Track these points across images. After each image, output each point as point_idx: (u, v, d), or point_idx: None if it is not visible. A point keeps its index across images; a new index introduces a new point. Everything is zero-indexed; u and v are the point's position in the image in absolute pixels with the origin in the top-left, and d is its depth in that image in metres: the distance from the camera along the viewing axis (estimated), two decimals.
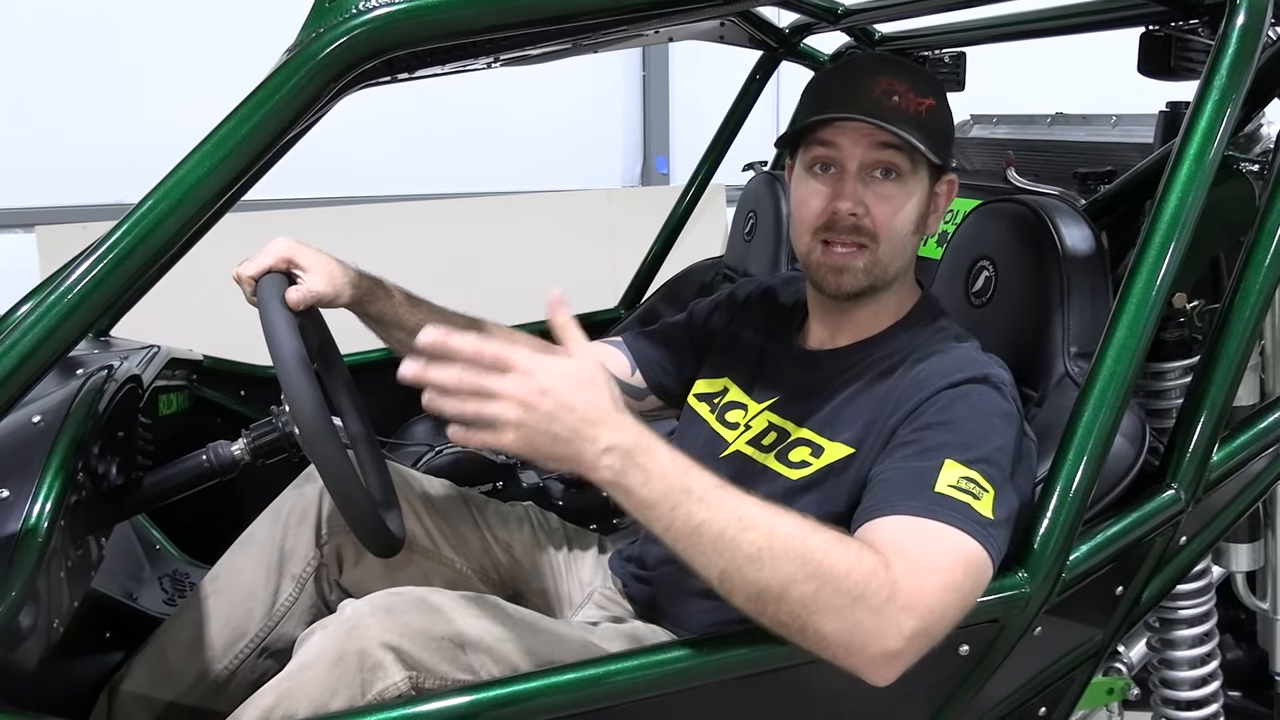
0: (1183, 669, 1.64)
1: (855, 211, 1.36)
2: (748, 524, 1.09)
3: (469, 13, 1.13)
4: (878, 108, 1.34)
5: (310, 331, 1.49)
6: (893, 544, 1.14)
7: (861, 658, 1.10)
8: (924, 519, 1.17)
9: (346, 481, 1.28)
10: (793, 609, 1.09)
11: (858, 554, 1.10)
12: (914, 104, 1.35)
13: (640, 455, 1.08)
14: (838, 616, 1.08)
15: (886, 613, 1.08)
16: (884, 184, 1.37)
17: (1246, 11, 1.33)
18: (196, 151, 1.08)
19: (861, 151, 1.36)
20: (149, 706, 1.50)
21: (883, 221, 1.37)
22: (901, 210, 1.38)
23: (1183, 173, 1.31)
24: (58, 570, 1.25)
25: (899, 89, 1.35)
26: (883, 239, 1.38)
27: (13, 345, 1.05)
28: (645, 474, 1.08)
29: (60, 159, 4.05)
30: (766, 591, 1.09)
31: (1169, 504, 1.37)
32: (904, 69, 1.42)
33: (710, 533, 1.08)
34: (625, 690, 1.17)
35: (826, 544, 1.10)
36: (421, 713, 1.12)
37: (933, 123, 1.37)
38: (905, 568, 1.11)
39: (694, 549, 1.09)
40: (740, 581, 1.09)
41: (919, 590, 1.10)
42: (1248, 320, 1.38)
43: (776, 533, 1.09)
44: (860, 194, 1.36)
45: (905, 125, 1.33)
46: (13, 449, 1.24)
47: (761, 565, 1.08)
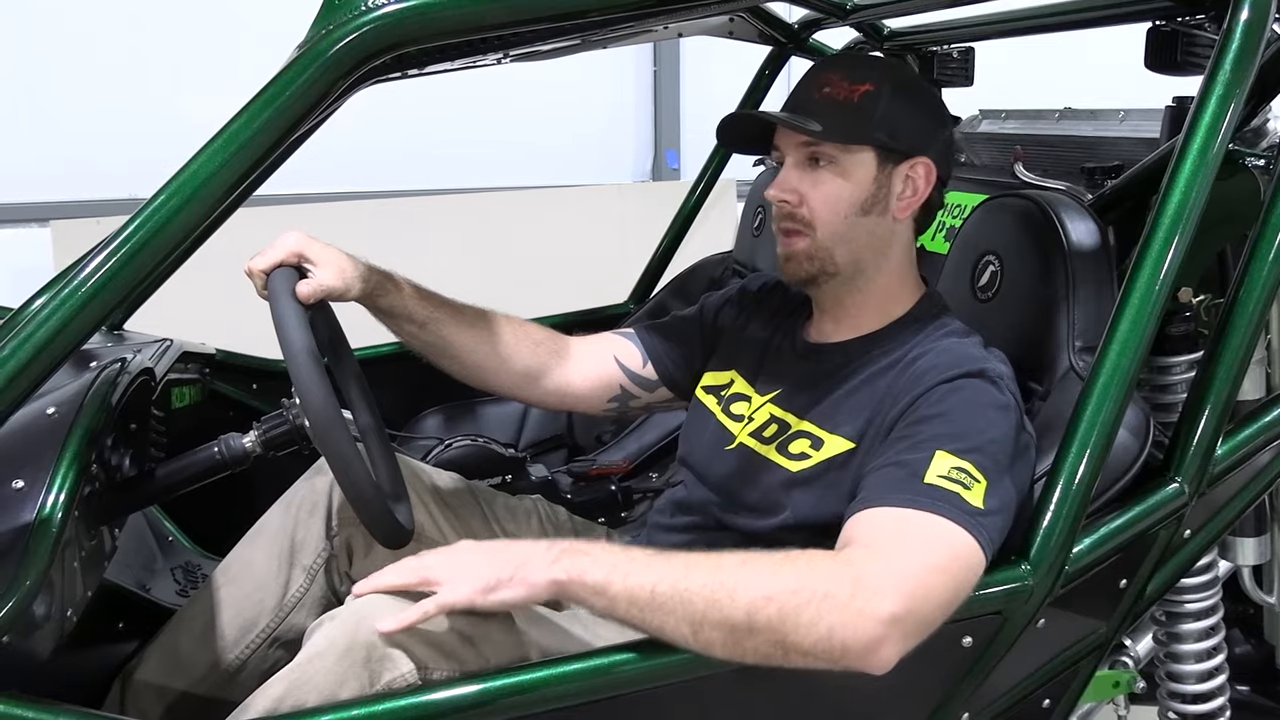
0: (1189, 662, 1.64)
1: (786, 199, 1.43)
2: (688, 577, 1.15)
3: (479, 9, 1.14)
4: (806, 103, 1.43)
5: (320, 325, 1.50)
6: (865, 537, 1.18)
7: (848, 657, 1.12)
8: (907, 509, 1.19)
9: (356, 473, 1.29)
10: (766, 637, 1.12)
11: (806, 564, 1.14)
12: (845, 91, 1.41)
13: (576, 549, 1.20)
14: (808, 630, 1.11)
15: (854, 605, 1.11)
16: (819, 171, 1.43)
17: (1251, 6, 1.33)
18: (209, 147, 1.09)
19: (794, 147, 1.44)
20: (161, 695, 1.51)
21: (817, 206, 1.43)
22: (837, 195, 1.42)
23: (1186, 167, 1.32)
24: (71, 560, 1.27)
25: (832, 80, 1.43)
26: (819, 224, 1.43)
27: (28, 338, 1.06)
28: (590, 558, 1.18)
29: (74, 154, 4.07)
30: (736, 628, 1.13)
31: (1173, 497, 1.38)
32: (845, 62, 1.53)
33: (664, 590, 1.14)
34: (630, 680, 1.18)
35: (772, 565, 1.15)
36: (429, 702, 1.14)
37: (867, 106, 1.41)
38: (870, 557, 1.14)
39: (660, 612, 1.15)
40: (709, 627, 1.13)
41: (885, 572, 1.13)
42: (1252, 314, 1.38)
43: (723, 569, 1.15)
44: (794, 183, 1.43)
45: (824, 114, 1.40)
46: (27, 440, 1.25)
47: (719, 604, 1.12)
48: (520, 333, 1.66)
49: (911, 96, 1.46)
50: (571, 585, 1.17)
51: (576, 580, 1.17)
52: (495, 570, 1.19)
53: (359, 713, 1.13)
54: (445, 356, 1.62)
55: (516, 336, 1.65)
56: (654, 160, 5.30)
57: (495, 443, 2.20)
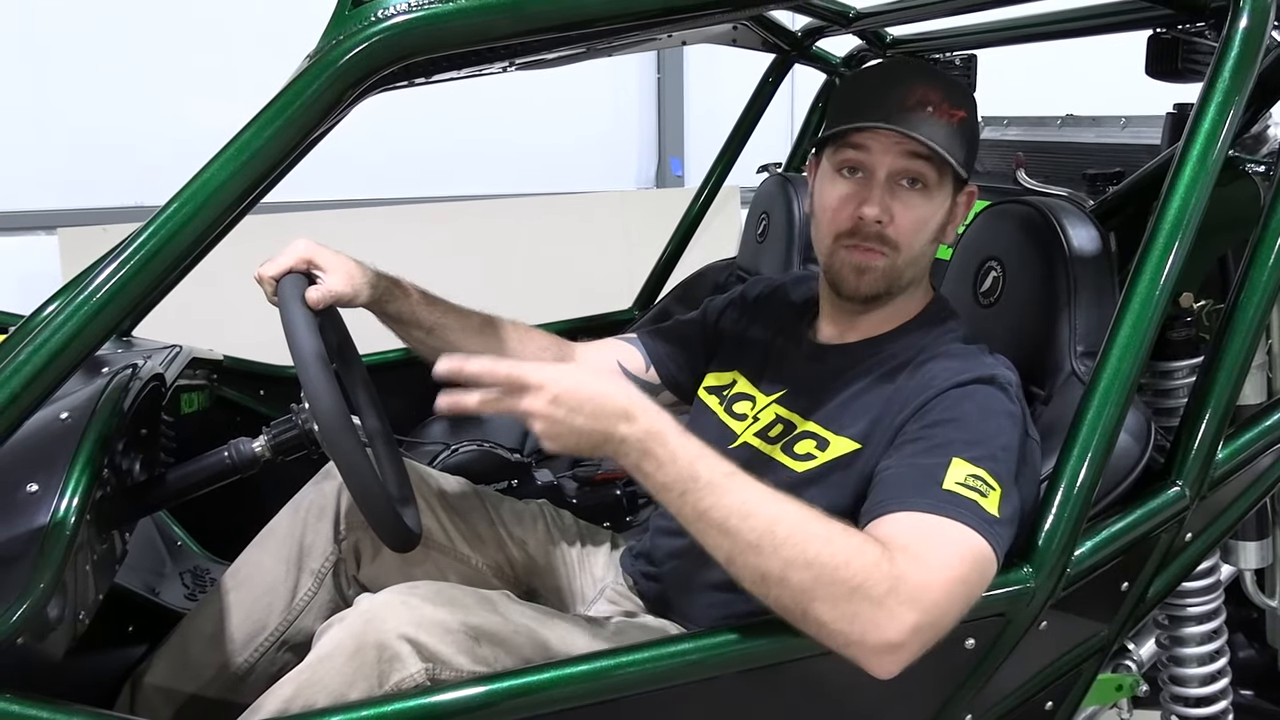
0: (1191, 666, 1.65)
1: (881, 219, 1.39)
2: (750, 512, 1.14)
3: (485, 20, 1.16)
4: (912, 117, 1.37)
5: (329, 331, 1.52)
6: (900, 539, 1.16)
7: (861, 648, 1.12)
8: (932, 515, 1.19)
9: (364, 477, 1.31)
10: (793, 594, 1.13)
11: (860, 546, 1.13)
12: (947, 115, 1.38)
13: (652, 443, 1.16)
14: (835, 605, 1.11)
15: (887, 605, 1.11)
16: (910, 193, 1.40)
17: (1249, 14, 1.35)
18: (221, 155, 1.11)
19: (891, 159, 1.39)
20: (171, 698, 1.53)
21: (905, 231, 1.40)
22: (925, 220, 1.41)
23: (1186, 174, 1.33)
24: (84, 563, 1.28)
25: (934, 99, 1.38)
26: (904, 248, 1.41)
27: (43, 344, 1.08)
28: (657, 461, 1.16)
29: (82, 162, 4.09)
30: (768, 576, 1.13)
31: (1174, 501, 1.39)
32: (939, 79, 1.45)
33: (715, 519, 1.14)
34: (635, 682, 1.19)
35: (828, 534, 1.14)
36: (438, 703, 1.15)
37: (963, 134, 1.40)
38: (910, 563, 1.13)
39: (701, 533, 1.16)
40: (743, 565, 1.14)
41: (924, 585, 1.13)
42: (1252, 319, 1.40)
43: (779, 521, 1.13)
44: (887, 201, 1.39)
45: (937, 136, 1.36)
46: (42, 445, 1.27)
47: (761, 552, 1.13)
48: (526, 338, 1.68)
49: (977, 121, 1.46)
50: (635, 473, 1.18)
51: (641, 475, 1.17)
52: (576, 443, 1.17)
53: (368, 713, 1.14)
54: None
55: (522, 342, 1.67)
56: (658, 167, 5.31)
57: (501, 448, 2.21)
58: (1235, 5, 1.36)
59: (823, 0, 2.34)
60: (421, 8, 1.14)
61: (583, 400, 1.15)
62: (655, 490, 1.17)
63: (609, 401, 1.16)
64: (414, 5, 1.14)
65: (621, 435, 1.15)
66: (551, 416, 1.15)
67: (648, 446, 1.15)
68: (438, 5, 1.14)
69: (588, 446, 1.17)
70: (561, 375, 1.17)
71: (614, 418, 1.15)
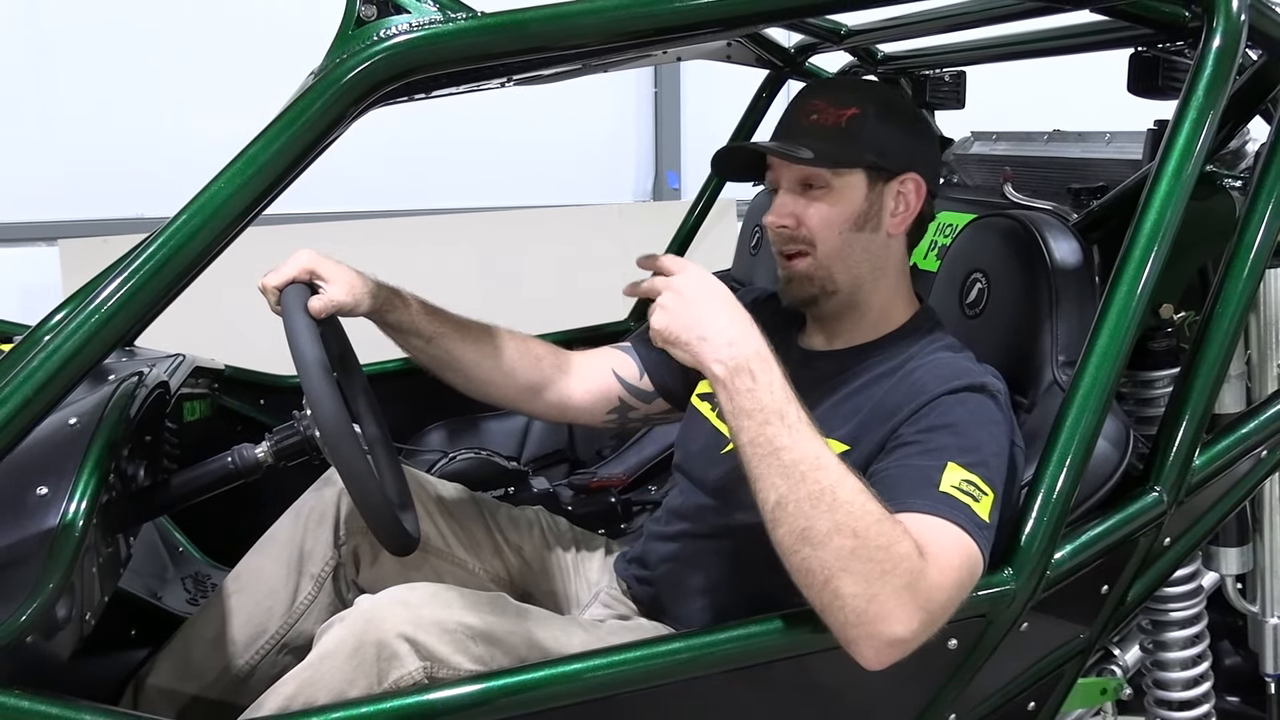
0: (1175, 670, 1.68)
1: (784, 223, 1.48)
2: (821, 465, 1.17)
3: (483, 39, 1.20)
4: (796, 131, 1.48)
5: (331, 340, 1.55)
6: (918, 536, 1.19)
7: (867, 630, 1.15)
8: (931, 516, 1.22)
9: (365, 482, 1.34)
10: (826, 559, 1.15)
11: (902, 534, 1.16)
12: (831, 116, 1.47)
13: (755, 364, 1.22)
14: (863, 582, 1.14)
15: (904, 598, 1.14)
16: (815, 192, 1.48)
17: (1222, 35, 1.39)
18: (228, 169, 1.15)
19: (787, 171, 1.49)
20: (173, 700, 1.56)
21: (814, 226, 1.47)
22: (834, 214, 1.47)
23: (1161, 188, 1.37)
24: (90, 566, 1.31)
25: (819, 106, 1.48)
26: (818, 241, 1.48)
27: (54, 351, 1.12)
28: (752, 382, 1.21)
29: (83, 174, 4.12)
30: (810, 532, 1.15)
31: (1152, 506, 1.42)
32: (829, 87, 1.57)
33: (787, 459, 1.18)
34: (627, 680, 1.22)
35: (879, 514, 1.16)
36: (436, 700, 1.18)
37: (854, 129, 1.46)
38: (931, 562, 1.17)
39: (767, 467, 1.19)
40: (792, 513, 1.17)
41: (938, 586, 1.17)
42: (1227, 329, 1.43)
43: (842, 484, 1.17)
44: (791, 207, 1.48)
45: (814, 140, 1.45)
46: (51, 449, 1.30)
47: (817, 506, 1.15)
48: (523, 347, 1.71)
49: (896, 116, 1.51)
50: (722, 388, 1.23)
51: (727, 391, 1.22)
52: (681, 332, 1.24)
53: (368, 710, 1.17)
54: (450, 370, 1.67)
55: (519, 351, 1.70)
56: (655, 180, 5.34)
57: (498, 456, 2.24)
58: (1209, 26, 1.40)
59: (815, 18, 2.38)
60: (422, 28, 1.18)
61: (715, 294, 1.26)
62: (734, 413, 1.21)
63: (738, 311, 1.25)
64: (414, 25, 1.18)
65: (732, 339, 1.22)
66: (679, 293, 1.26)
67: (752, 366, 1.21)
68: (438, 25, 1.18)
69: (695, 337, 1.23)
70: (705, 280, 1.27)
71: (734, 323, 1.24)
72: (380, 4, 1.20)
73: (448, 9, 1.20)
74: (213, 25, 4.20)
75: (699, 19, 1.28)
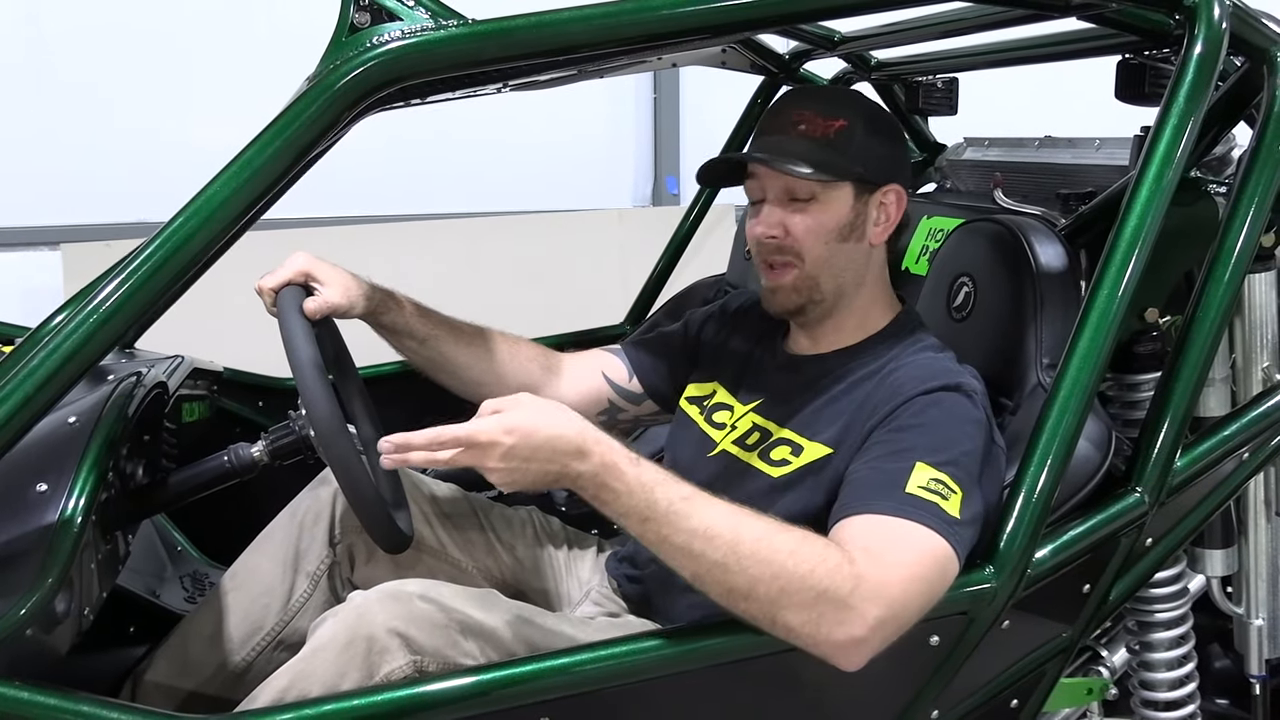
0: (1160, 671, 1.70)
1: (772, 234, 1.49)
2: (712, 534, 1.20)
3: (474, 46, 1.23)
4: (783, 141, 1.48)
5: (326, 342, 1.57)
6: (861, 539, 1.24)
7: (828, 645, 1.19)
8: (894, 518, 1.26)
9: (358, 480, 1.36)
10: (761, 605, 1.19)
11: (822, 552, 1.20)
12: (821, 128, 1.48)
13: (606, 475, 1.21)
14: (802, 611, 1.18)
15: (851, 604, 1.17)
16: (801, 204, 1.49)
17: (1203, 42, 1.41)
18: (224, 173, 1.18)
19: (774, 182, 1.50)
20: (170, 695, 1.58)
21: (801, 237, 1.49)
22: (820, 225, 1.49)
23: (1142, 193, 1.39)
24: (89, 562, 1.34)
25: (807, 117, 1.49)
26: (806, 252, 1.50)
27: (54, 350, 1.14)
28: (613, 493, 1.22)
29: (85, 179, 4.13)
30: (734, 591, 1.19)
31: (1133, 506, 1.45)
32: (817, 97, 1.56)
33: (677, 544, 1.20)
34: (613, 675, 1.25)
35: (791, 544, 1.20)
36: (425, 693, 1.21)
37: (842, 141, 1.48)
38: (870, 562, 1.20)
39: (667, 557, 1.22)
40: (711, 583, 1.21)
41: (883, 582, 1.19)
42: (1208, 332, 1.46)
43: (742, 539, 1.19)
44: (779, 218, 1.49)
45: (804, 152, 1.46)
46: (50, 447, 1.32)
47: (727, 570, 1.19)
48: (515, 349, 1.74)
49: (881, 128, 1.53)
50: (595, 504, 1.24)
51: (600, 505, 1.23)
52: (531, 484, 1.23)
53: (359, 702, 1.20)
54: (444, 372, 1.69)
55: (511, 353, 1.73)
56: (654, 186, 5.36)
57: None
58: (1191, 33, 1.43)
59: (808, 25, 2.41)
60: (414, 34, 1.21)
61: (536, 447, 1.20)
62: (616, 518, 1.23)
63: (561, 441, 1.21)
64: (407, 32, 1.21)
65: (576, 472, 1.21)
66: (506, 469, 1.21)
67: (603, 480, 1.21)
68: (429, 32, 1.21)
69: (545, 484, 1.23)
70: (512, 423, 1.21)
71: (567, 456, 1.21)
72: (374, 11, 1.22)
73: (439, 16, 1.23)
74: (215, 31, 4.23)
75: (684, 26, 1.31)
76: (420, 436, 1.21)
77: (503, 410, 1.23)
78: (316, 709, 1.18)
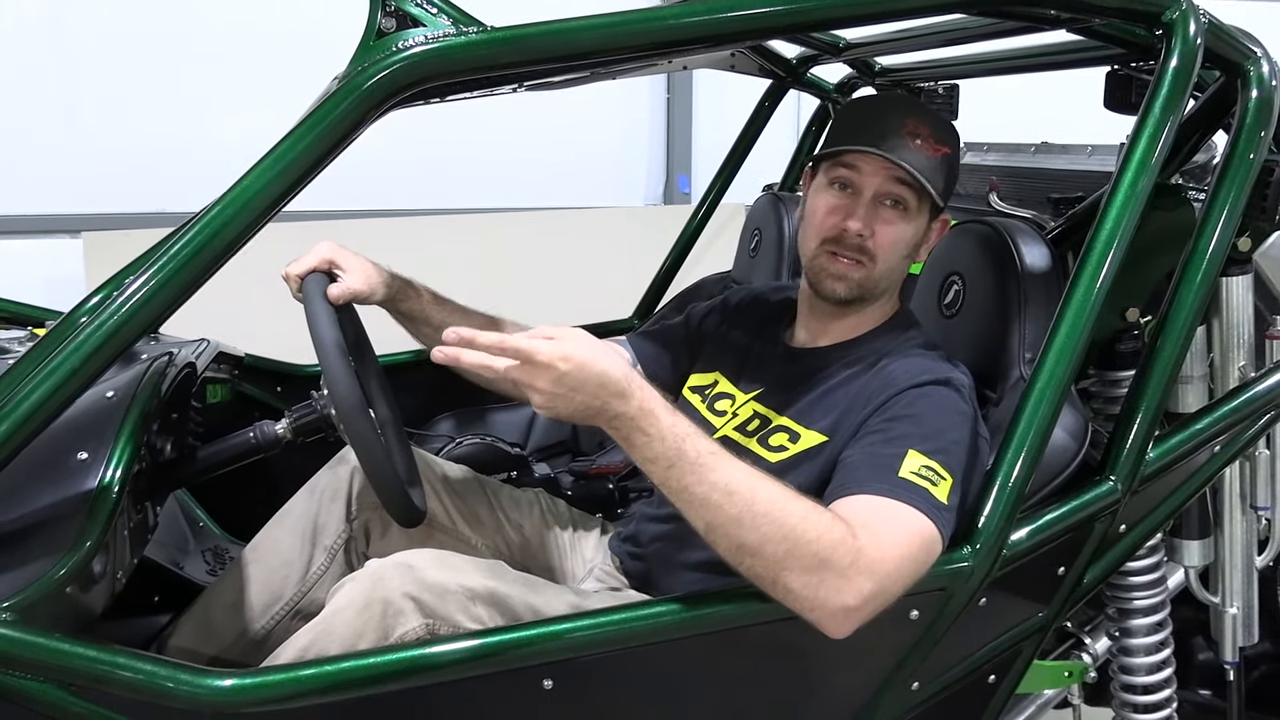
0: (1138, 656, 1.77)
1: (863, 232, 1.55)
2: (732, 489, 1.26)
3: (492, 51, 1.31)
4: (901, 146, 1.53)
5: (347, 327, 1.66)
6: (859, 517, 1.31)
7: (823, 611, 1.26)
8: (888, 499, 1.34)
9: (376, 456, 1.44)
10: (766, 564, 1.26)
11: (829, 523, 1.27)
12: (932, 149, 1.55)
13: (643, 420, 1.27)
14: (804, 574, 1.25)
15: (849, 575, 1.25)
16: (892, 212, 1.56)
17: (1179, 56, 1.49)
18: (257, 166, 1.26)
19: (879, 181, 1.55)
20: (193, 659, 1.64)
21: (884, 245, 1.56)
22: (902, 238, 1.57)
23: (1118, 197, 1.47)
24: (122, 529, 1.42)
25: (923, 132, 1.55)
26: (880, 260, 1.57)
27: (99, 327, 1.23)
28: (646, 436, 1.27)
29: (106, 169, 4.22)
30: (744, 547, 1.26)
31: (1107, 494, 1.52)
32: (930, 116, 1.61)
33: (698, 494, 1.26)
34: (613, 640, 1.33)
35: (803, 511, 1.27)
36: (436, 654, 1.29)
37: (944, 167, 1.57)
38: (869, 538, 1.28)
39: (684, 505, 1.28)
40: (722, 535, 1.27)
41: (879, 558, 1.27)
42: (1181, 330, 1.54)
43: (758, 498, 1.26)
44: (870, 218, 1.55)
45: (921, 165, 1.52)
46: (90, 418, 1.42)
47: (741, 525, 1.25)
48: None
49: (957, 163, 1.63)
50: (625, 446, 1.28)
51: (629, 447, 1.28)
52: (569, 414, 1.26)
53: (375, 660, 1.28)
54: None
55: None
56: (666, 184, 5.42)
57: (503, 442, 2.34)
58: (1168, 46, 1.50)
59: (816, 33, 2.48)
60: (437, 40, 1.29)
61: (584, 379, 1.24)
62: (643, 462, 1.29)
63: (608, 379, 1.25)
64: (430, 38, 1.29)
65: (616, 411, 1.26)
66: (552, 394, 1.25)
67: (640, 424, 1.26)
68: (451, 38, 1.29)
69: (581, 418, 1.27)
70: (568, 351, 1.24)
71: (611, 395, 1.25)
72: (399, 17, 1.31)
73: (460, 23, 1.31)
74: (231, 29, 4.30)
75: (691, 35, 1.38)
76: (485, 337, 1.25)
77: (558, 338, 1.26)
78: (336, 666, 1.26)
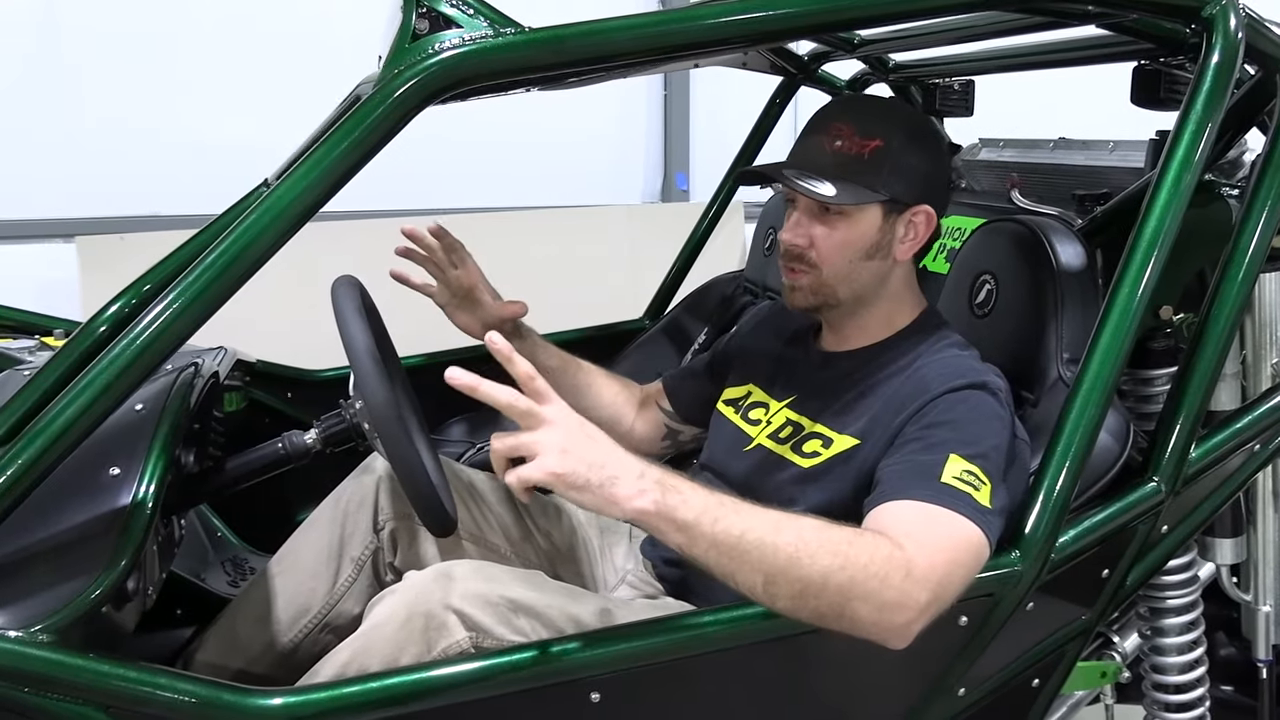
0: (1171, 655, 1.76)
1: (797, 243, 1.54)
2: (781, 527, 1.22)
3: (529, 53, 1.29)
4: (818, 155, 1.52)
5: (375, 334, 1.63)
6: (903, 525, 1.29)
7: (889, 630, 1.24)
8: (932, 505, 1.31)
9: (412, 464, 1.42)
10: (833, 599, 1.22)
11: (873, 542, 1.25)
12: (856, 146, 1.51)
13: (670, 480, 1.20)
14: (870, 600, 1.22)
15: (904, 588, 1.23)
16: (831, 218, 1.53)
17: (1221, 50, 1.47)
18: (295, 171, 1.23)
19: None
20: (220, 674, 1.62)
21: (824, 251, 1.54)
22: (847, 242, 1.53)
23: (1162, 196, 1.45)
24: (152, 544, 1.40)
25: (844, 132, 1.52)
26: (824, 267, 1.55)
27: (134, 340, 1.20)
28: (681, 495, 1.20)
29: (100, 172, 4.16)
30: (809, 586, 1.21)
31: (1150, 495, 1.51)
32: (858, 111, 1.58)
33: (752, 539, 1.21)
34: (660, 651, 1.31)
35: (847, 537, 1.24)
36: (481, 668, 1.27)
37: (876, 161, 1.51)
38: (917, 547, 1.25)
39: (740, 559, 1.21)
40: (785, 582, 1.21)
41: (930, 565, 1.25)
42: (1222, 330, 1.52)
43: (805, 533, 1.23)
44: (806, 228, 1.54)
45: (835, 169, 1.50)
46: (120, 432, 1.39)
47: (800, 563, 1.21)
48: (608, 385, 1.90)
49: (917, 147, 1.55)
50: (656, 519, 1.18)
51: (665, 515, 1.18)
52: (587, 472, 1.16)
53: (417, 677, 1.26)
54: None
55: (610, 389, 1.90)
56: (664, 182, 5.40)
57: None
58: (1208, 41, 1.48)
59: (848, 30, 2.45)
60: (473, 41, 1.26)
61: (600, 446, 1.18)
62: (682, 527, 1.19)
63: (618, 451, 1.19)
64: (465, 40, 1.27)
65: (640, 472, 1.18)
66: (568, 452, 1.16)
67: (669, 483, 1.19)
68: (488, 40, 1.27)
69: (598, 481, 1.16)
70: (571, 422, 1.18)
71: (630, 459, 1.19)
72: (432, 18, 1.28)
73: (497, 23, 1.28)
74: (228, 32, 4.26)
75: (730, 34, 1.36)
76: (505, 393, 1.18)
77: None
78: (381, 682, 1.24)
